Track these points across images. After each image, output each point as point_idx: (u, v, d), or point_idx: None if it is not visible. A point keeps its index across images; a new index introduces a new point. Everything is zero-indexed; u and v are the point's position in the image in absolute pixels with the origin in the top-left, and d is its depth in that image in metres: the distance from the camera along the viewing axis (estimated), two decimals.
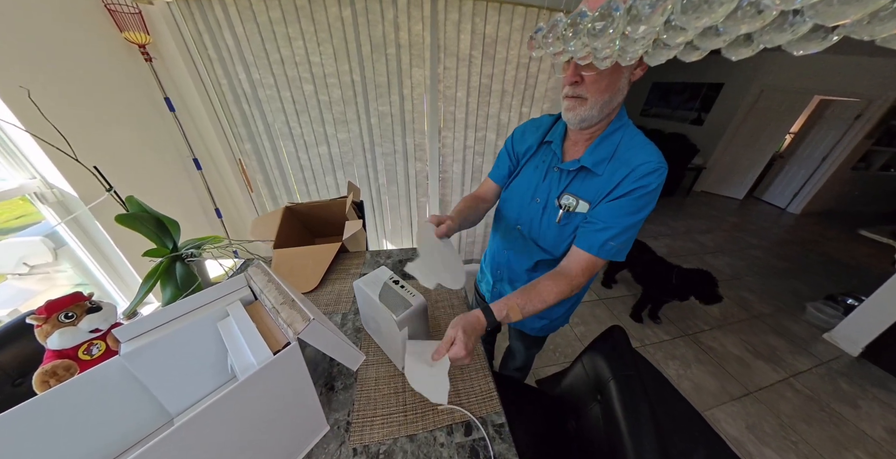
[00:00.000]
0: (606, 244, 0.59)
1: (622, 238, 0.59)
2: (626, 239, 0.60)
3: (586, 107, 0.57)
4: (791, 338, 1.94)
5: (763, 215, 4.03)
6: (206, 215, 1.76)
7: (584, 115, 0.58)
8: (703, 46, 0.35)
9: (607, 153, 0.60)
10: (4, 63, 0.92)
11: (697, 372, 1.66)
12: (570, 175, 0.65)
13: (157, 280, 0.72)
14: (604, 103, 0.56)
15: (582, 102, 0.57)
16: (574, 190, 0.64)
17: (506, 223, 0.80)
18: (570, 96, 0.58)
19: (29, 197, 1.05)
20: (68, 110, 1.09)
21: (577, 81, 0.55)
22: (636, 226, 0.59)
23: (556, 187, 0.67)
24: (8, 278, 1.12)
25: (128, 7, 1.24)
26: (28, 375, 0.53)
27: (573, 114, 0.58)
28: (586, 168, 0.62)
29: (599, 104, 0.56)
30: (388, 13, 1.43)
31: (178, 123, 1.51)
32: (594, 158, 0.61)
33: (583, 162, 0.62)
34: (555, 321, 0.87)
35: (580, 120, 0.59)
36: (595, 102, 0.56)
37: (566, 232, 0.66)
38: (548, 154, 0.70)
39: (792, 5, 0.26)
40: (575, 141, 0.66)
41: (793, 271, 2.72)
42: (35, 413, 0.38)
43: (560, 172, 0.66)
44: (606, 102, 0.56)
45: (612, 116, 0.61)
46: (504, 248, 0.82)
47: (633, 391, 0.58)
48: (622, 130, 0.62)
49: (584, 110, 0.57)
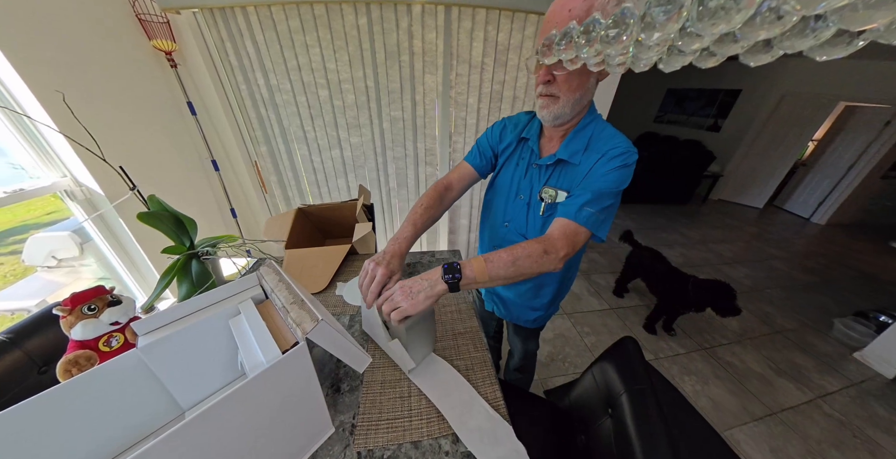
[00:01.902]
0: (582, 209, 0.59)
1: (597, 206, 0.59)
2: (603, 209, 0.59)
3: (559, 105, 0.60)
4: (818, 356, 1.83)
5: (785, 224, 3.87)
6: (222, 214, 1.82)
7: (558, 112, 0.61)
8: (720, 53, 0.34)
9: (581, 145, 0.64)
10: (43, 69, 0.99)
11: (716, 389, 1.58)
12: (549, 169, 0.68)
13: (174, 277, 0.74)
14: (575, 101, 0.60)
15: (555, 101, 0.61)
16: (553, 183, 0.68)
17: (493, 221, 0.83)
18: (544, 95, 0.61)
19: (60, 194, 1.11)
20: (98, 113, 1.15)
21: (549, 79, 0.59)
22: (610, 196, 0.60)
23: (537, 182, 0.70)
24: (38, 270, 1.18)
25: (157, 17, 1.31)
26: (53, 363, 0.55)
27: (547, 111, 0.62)
28: (563, 160, 0.65)
29: (571, 102, 0.60)
30: (402, 22, 1.46)
31: (199, 126, 1.58)
32: (569, 151, 0.65)
33: (559, 155, 0.65)
34: (547, 311, 0.90)
35: (554, 117, 0.63)
36: (567, 99, 0.60)
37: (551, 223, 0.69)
38: (526, 151, 0.74)
39: (814, 10, 0.25)
40: (550, 137, 0.70)
41: (818, 284, 2.59)
42: (57, 401, 0.40)
43: (539, 167, 0.70)
44: (577, 99, 0.60)
45: (582, 112, 0.65)
46: (493, 245, 0.84)
47: (646, 406, 0.56)
48: (593, 124, 0.66)
49: (557, 108, 0.61)
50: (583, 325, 1.97)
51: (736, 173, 4.39)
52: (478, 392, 0.59)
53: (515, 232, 0.77)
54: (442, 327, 0.76)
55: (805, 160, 4.11)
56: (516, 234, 0.77)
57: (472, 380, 0.62)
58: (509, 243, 0.78)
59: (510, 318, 0.97)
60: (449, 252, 1.09)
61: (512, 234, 0.78)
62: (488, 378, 0.63)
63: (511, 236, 0.79)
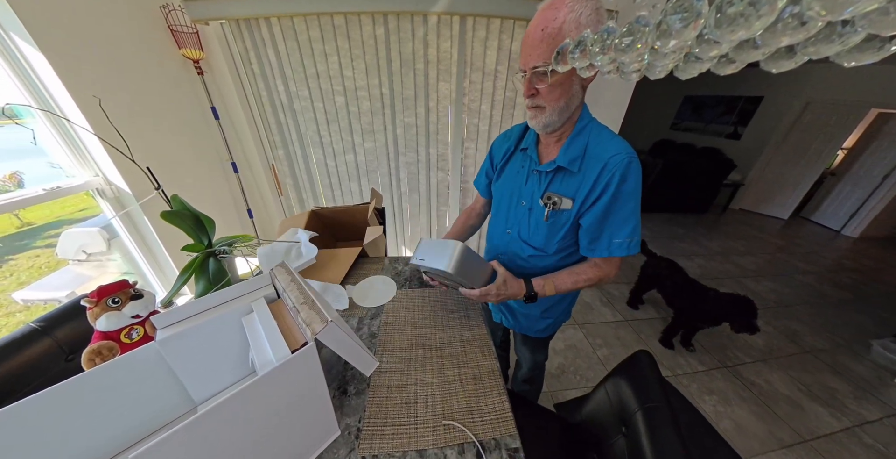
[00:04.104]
0: (612, 244, 0.66)
1: (622, 234, 0.65)
2: (632, 230, 0.65)
3: (546, 114, 0.63)
4: (854, 380, 1.70)
5: (813, 237, 3.67)
6: (239, 214, 1.88)
7: (546, 121, 0.64)
8: (740, 59, 0.34)
9: (579, 151, 0.66)
10: (83, 76, 1.06)
11: (739, 411, 1.49)
12: (548, 176, 0.70)
13: (192, 273, 0.77)
14: (561, 109, 0.63)
15: (542, 111, 0.63)
16: (555, 189, 0.69)
17: (497, 229, 0.86)
18: (531, 107, 0.64)
19: (92, 192, 1.18)
20: (129, 116, 1.22)
21: (533, 93, 0.61)
22: (632, 215, 0.65)
23: (538, 188, 0.72)
24: (70, 263, 1.25)
25: (187, 27, 1.39)
26: (79, 351, 0.58)
27: (536, 121, 0.65)
28: (563, 167, 0.67)
29: (557, 110, 0.62)
30: (418, 31, 1.50)
31: (221, 129, 1.65)
32: (568, 157, 0.66)
33: (558, 162, 0.67)
34: (558, 318, 0.91)
35: (543, 126, 0.65)
36: (553, 109, 0.62)
37: (555, 230, 0.72)
38: (526, 160, 0.76)
39: (840, 16, 0.24)
40: (546, 144, 0.73)
41: (851, 301, 2.43)
42: (81, 389, 0.42)
43: (539, 174, 0.72)
44: (563, 107, 0.62)
45: (574, 117, 0.67)
46: (498, 253, 0.86)
47: (663, 426, 0.53)
48: (588, 129, 0.67)
49: (545, 117, 0.64)
50: (595, 336, 1.91)
51: (758, 181, 4.22)
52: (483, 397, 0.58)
53: (518, 239, 0.79)
54: (450, 332, 0.75)
55: (834, 169, 3.91)
56: (519, 241, 0.79)
57: (480, 389, 0.61)
58: (513, 250, 0.81)
59: (518, 328, 0.95)
60: None
61: (515, 242, 0.80)
62: (496, 388, 0.61)
63: (514, 245, 0.80)
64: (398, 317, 0.80)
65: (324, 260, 0.97)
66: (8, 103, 0.94)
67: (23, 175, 1.08)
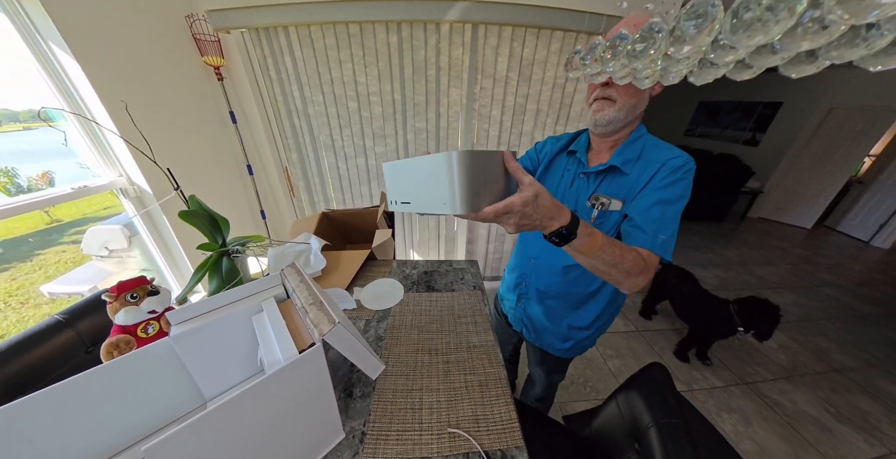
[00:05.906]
0: (658, 237, 0.59)
1: (668, 232, 0.59)
2: (673, 234, 0.60)
3: (614, 108, 0.61)
4: (889, 402, 1.58)
5: (839, 248, 3.50)
6: (252, 215, 1.93)
7: (612, 117, 0.61)
8: (757, 64, 0.33)
9: (634, 154, 0.64)
10: (111, 80, 1.12)
11: (762, 432, 1.40)
12: (598, 177, 0.68)
13: (206, 272, 0.79)
14: (630, 107, 0.60)
15: (611, 104, 0.61)
16: (604, 190, 0.67)
17: (533, 235, 0.80)
18: (601, 98, 0.62)
19: (115, 192, 1.23)
20: (152, 119, 1.28)
21: (609, 82, 0.59)
22: (676, 217, 0.60)
23: (584, 191, 0.70)
24: (93, 258, 1.31)
25: (210, 36, 1.46)
26: (98, 344, 0.60)
27: (601, 114, 0.62)
28: (615, 168, 0.65)
29: (626, 108, 0.60)
30: (430, 39, 1.52)
31: (238, 133, 1.71)
32: (622, 158, 0.64)
33: (612, 162, 0.65)
34: (581, 342, 0.83)
35: (607, 122, 0.62)
36: (623, 104, 0.60)
37: None
38: (572, 163, 0.74)
39: (865, 19, 0.24)
40: (598, 150, 0.71)
41: (882, 317, 2.29)
42: (99, 380, 0.43)
43: (587, 176, 0.69)
44: (633, 106, 0.60)
45: (634, 124, 0.66)
46: (532, 256, 0.82)
47: (679, 444, 0.50)
48: (644, 139, 0.66)
49: (612, 112, 0.61)
50: (606, 346, 1.86)
51: (778, 189, 4.08)
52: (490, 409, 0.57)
53: None
54: (456, 338, 0.75)
55: (861, 177, 3.74)
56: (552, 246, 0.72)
57: (487, 397, 0.60)
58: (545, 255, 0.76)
59: (539, 343, 0.88)
60: (466, 262, 1.08)
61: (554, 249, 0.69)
62: (503, 397, 0.60)
63: (552, 253, 0.73)
64: (405, 321, 0.80)
65: (333, 262, 0.98)
66: (43, 107, 1.01)
67: (54, 175, 1.14)
